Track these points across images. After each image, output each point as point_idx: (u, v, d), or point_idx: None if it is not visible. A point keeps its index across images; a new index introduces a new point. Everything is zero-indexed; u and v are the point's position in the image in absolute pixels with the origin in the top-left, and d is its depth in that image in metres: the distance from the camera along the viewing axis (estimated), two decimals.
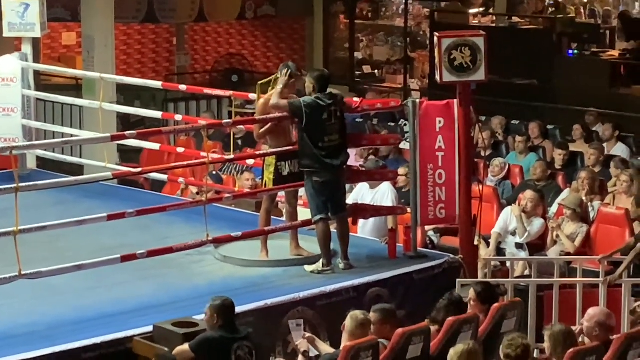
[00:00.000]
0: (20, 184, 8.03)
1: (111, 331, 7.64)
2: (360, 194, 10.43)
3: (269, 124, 9.19)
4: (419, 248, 9.65)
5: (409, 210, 9.67)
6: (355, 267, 9.12)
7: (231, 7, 19.73)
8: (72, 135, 11.79)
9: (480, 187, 9.90)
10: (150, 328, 7.61)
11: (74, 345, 7.42)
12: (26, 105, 11.55)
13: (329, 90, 9.10)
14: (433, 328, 7.72)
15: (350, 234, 9.44)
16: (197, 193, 11.42)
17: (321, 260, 9.03)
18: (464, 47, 9.22)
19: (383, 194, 10.34)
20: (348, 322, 7.42)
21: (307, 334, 7.62)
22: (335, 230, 9.23)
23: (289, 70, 9.17)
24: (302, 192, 11.06)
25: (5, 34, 11.74)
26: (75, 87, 15.86)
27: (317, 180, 9.01)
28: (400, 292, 8.89)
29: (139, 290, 8.54)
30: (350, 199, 10.21)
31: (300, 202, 10.32)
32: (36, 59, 12.14)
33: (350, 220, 9.70)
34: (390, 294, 8.76)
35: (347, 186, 10.11)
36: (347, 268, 9.08)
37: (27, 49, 11.73)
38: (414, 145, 9.46)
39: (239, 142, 14.25)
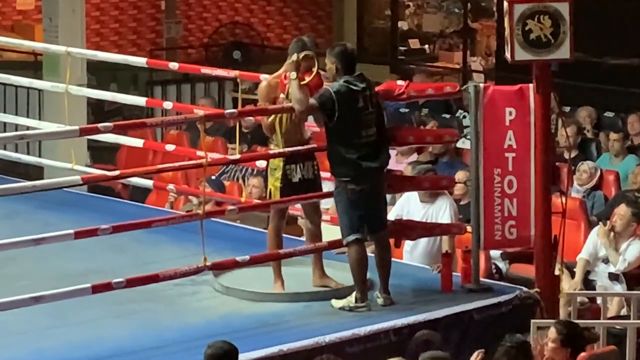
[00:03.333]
0: None
1: None
2: (406, 208, 10.44)
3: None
4: (481, 279, 9.68)
5: (469, 229, 9.68)
6: (398, 302, 9.14)
7: None
8: (29, 128, 11.85)
9: (564, 199, 9.90)
10: None
11: None
12: None
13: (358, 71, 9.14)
14: None
15: (393, 259, 9.45)
16: (199, 204, 11.46)
17: (354, 294, 9.05)
18: (543, 15, 9.24)
19: (439, 209, 10.35)
20: None
21: None
22: (373, 255, 9.25)
23: (305, 51, 9.15)
24: (327, 203, 11.11)
25: None
26: (33, 65, 15.96)
27: (354, 189, 9.00)
28: (456, 336, 8.93)
29: (115, 330, 8.58)
30: (392, 214, 10.22)
31: (326, 217, 10.36)
32: None
33: (392, 241, 9.71)
34: (443, 339, 8.75)
35: (388, 197, 10.13)
36: (387, 304, 9.12)
37: None
38: (476, 144, 9.49)
39: (248, 137, 14.30)
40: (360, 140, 9.00)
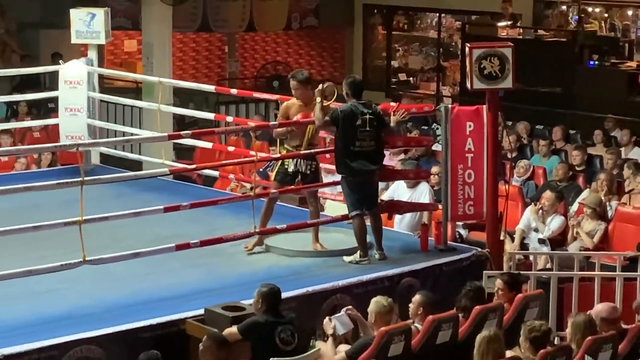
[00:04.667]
0: (85, 178, 8.08)
1: (166, 313, 7.67)
2: (397, 192, 10.42)
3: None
4: (449, 242, 9.61)
5: (440, 207, 9.67)
6: (389, 258, 9.11)
7: (278, 18, 19.79)
8: (132, 134, 11.87)
9: (507, 186, 9.86)
10: (201, 311, 7.63)
11: (133, 326, 7.46)
12: (91, 106, 11.62)
13: (367, 100, 9.09)
14: (461, 316, 7.71)
15: (386, 228, 9.43)
16: (251, 188, 11.44)
17: (358, 252, 9.03)
18: (493, 57, 9.19)
19: (421, 193, 10.32)
20: (372, 307, 7.47)
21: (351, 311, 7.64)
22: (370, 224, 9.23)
23: (327, 83, 9.20)
24: (329, 189, 11.13)
25: (73, 40, 11.82)
26: (135, 90, 15.96)
27: (351, 181, 9.02)
28: (431, 282, 8.86)
29: (191, 276, 8.56)
30: (386, 196, 10.20)
31: (340, 197, 10.35)
32: (100, 64, 12.25)
33: (385, 215, 9.70)
34: (421, 284, 8.73)
35: (383, 184, 10.11)
36: (381, 258, 9.08)
37: (92, 54, 11.80)
38: (446, 147, 9.44)
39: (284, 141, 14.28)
40: (354, 149, 8.91)
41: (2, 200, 8.83)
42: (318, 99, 9.04)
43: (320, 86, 9.17)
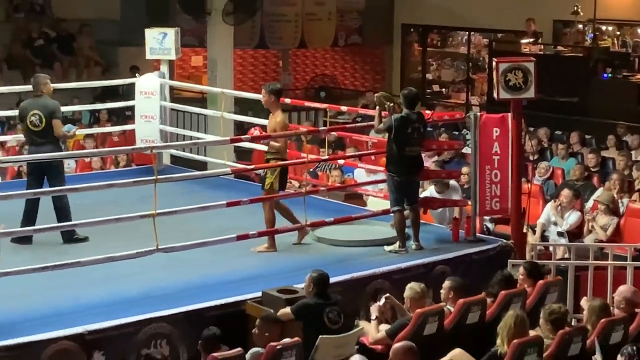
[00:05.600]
0: (158, 177, 8.13)
1: (228, 295, 7.70)
2: (432, 191, 10.40)
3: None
4: (477, 234, 9.57)
5: (469, 203, 9.61)
6: (424, 248, 9.07)
7: (326, 36, 19.79)
8: (198, 138, 11.92)
9: (529, 185, 9.80)
10: (259, 294, 7.65)
11: (198, 306, 7.50)
12: (163, 113, 11.69)
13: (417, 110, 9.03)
14: (488, 300, 7.67)
15: (423, 221, 9.39)
16: (299, 186, 11.46)
17: (397, 243, 9.00)
18: (517, 70, 9.13)
19: (452, 192, 10.30)
20: (406, 293, 7.44)
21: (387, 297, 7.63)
22: (409, 219, 9.19)
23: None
24: (382, 185, 11.07)
25: (148, 56, 11.90)
26: (201, 100, 16.02)
27: (397, 180, 8.99)
28: (461, 269, 8.82)
29: (250, 263, 8.58)
30: (425, 194, 10.19)
31: (380, 194, 10.32)
32: (171, 77, 12.29)
33: (422, 210, 9.66)
34: (452, 271, 8.69)
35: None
36: (418, 249, 9.05)
37: (164, 68, 11.86)
38: (475, 150, 9.39)
39: (332, 145, 14.27)
40: (404, 153, 8.92)
41: (85, 196, 8.91)
42: (377, 108, 9.03)
43: (375, 96, 9.19)
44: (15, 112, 11.15)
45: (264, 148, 11.78)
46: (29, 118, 8.93)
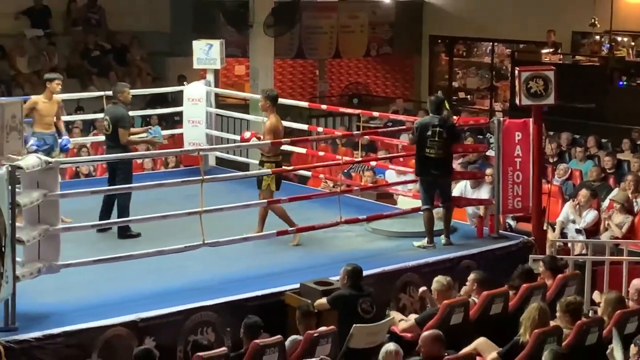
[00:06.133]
0: (205, 177, 8.18)
1: (268, 286, 7.73)
2: (463, 190, 10.37)
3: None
4: (500, 231, 9.53)
5: (493, 201, 9.57)
6: (454, 244, 9.02)
7: (359, 47, 19.79)
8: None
9: (549, 185, 9.75)
10: (297, 285, 7.67)
11: (241, 296, 7.53)
12: (209, 118, 11.75)
13: (445, 115, 8.98)
14: (510, 292, 7.64)
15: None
16: (333, 186, 11.47)
17: (426, 239, 8.98)
18: (538, 78, 9.09)
19: (483, 191, 10.28)
20: (433, 285, 7.42)
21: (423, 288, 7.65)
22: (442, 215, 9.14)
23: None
24: (411, 186, 11.05)
25: (195, 66, 11.96)
26: (244, 106, 16.05)
27: (422, 180, 8.98)
28: (485, 263, 8.77)
29: (289, 256, 8.60)
30: (455, 192, 10.16)
31: (409, 194, 10.31)
32: (216, 85, 12.34)
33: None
34: (477, 265, 8.66)
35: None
36: (447, 244, 8.99)
37: (210, 77, 11.91)
38: (498, 153, 9.36)
39: (364, 148, 14.25)
40: (422, 154, 8.87)
41: (137, 195, 8.99)
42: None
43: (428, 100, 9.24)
44: (74, 117, 11.28)
45: (303, 150, 11.86)
46: (103, 122, 9.22)
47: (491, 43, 19.80)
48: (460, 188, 10.44)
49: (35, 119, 9.31)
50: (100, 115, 11.64)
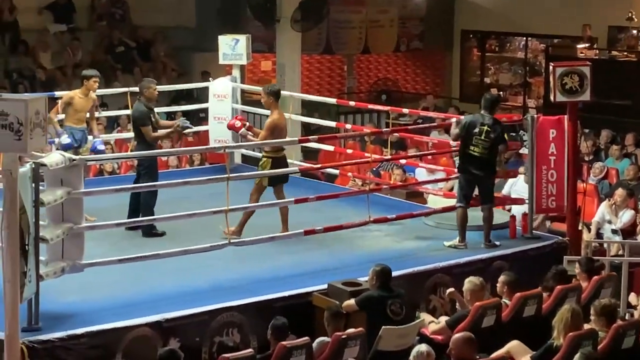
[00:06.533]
0: (230, 175, 8.21)
1: (295, 287, 7.74)
2: (514, 187, 10.35)
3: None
4: (534, 231, 9.48)
5: (526, 201, 9.52)
6: (498, 245, 8.92)
7: (389, 42, 19.75)
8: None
9: (584, 184, 9.69)
10: (325, 286, 7.67)
11: (268, 297, 7.55)
12: (234, 115, 11.77)
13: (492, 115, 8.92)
14: (544, 294, 7.61)
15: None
16: (362, 184, 11.47)
17: (457, 238, 8.95)
18: (573, 74, 9.04)
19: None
20: (466, 286, 7.40)
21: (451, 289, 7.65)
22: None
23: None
24: (442, 184, 11.02)
25: (221, 61, 12.00)
26: None
27: (462, 177, 8.96)
28: (518, 264, 8.73)
29: (317, 256, 8.60)
30: (505, 190, 10.13)
31: (440, 192, 10.28)
32: (242, 81, 12.37)
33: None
34: (510, 266, 8.62)
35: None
36: (487, 247, 8.89)
37: (236, 73, 11.95)
38: (532, 151, 9.31)
39: (394, 145, 14.22)
40: (468, 152, 8.84)
41: (161, 192, 9.03)
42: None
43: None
44: (97, 114, 11.30)
45: (331, 148, 11.86)
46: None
47: (525, 38, 19.70)
48: (509, 186, 10.41)
49: (68, 113, 9.48)
50: (125, 112, 11.78)
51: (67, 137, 9.32)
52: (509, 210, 10.14)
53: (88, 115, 9.68)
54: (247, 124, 9.30)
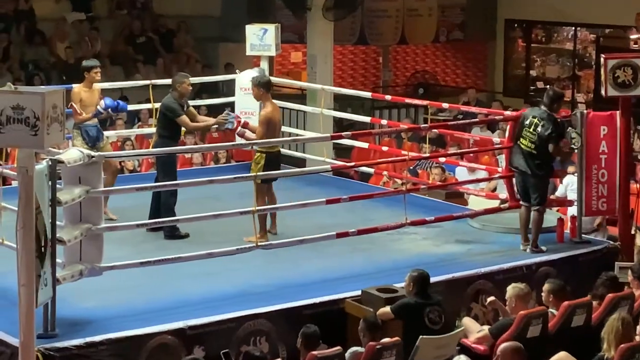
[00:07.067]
0: (258, 173, 8.21)
1: (327, 293, 7.73)
2: (571, 185, 10.33)
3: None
4: (587, 235, 9.42)
5: (575, 202, 9.46)
6: (544, 250, 8.89)
7: (427, 32, 19.70)
8: (297, 135, 11.99)
9: (637, 185, 9.60)
10: (358, 292, 7.66)
11: (298, 304, 7.55)
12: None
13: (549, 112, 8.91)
14: (594, 303, 7.55)
15: None
16: (402, 184, 11.43)
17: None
18: (626, 66, 8.96)
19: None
20: (510, 292, 7.36)
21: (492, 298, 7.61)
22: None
23: None
24: (483, 184, 10.96)
25: (248, 52, 12.02)
26: (300, 96, 16.09)
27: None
28: (566, 271, 8.68)
29: (349, 261, 8.59)
30: (561, 188, 10.21)
31: (482, 193, 10.24)
32: (270, 73, 12.38)
33: None
34: (557, 272, 8.57)
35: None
36: (533, 252, 8.86)
37: (264, 65, 11.96)
38: (581, 149, 9.24)
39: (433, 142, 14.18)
40: (517, 143, 8.89)
41: (184, 192, 9.06)
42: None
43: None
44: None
45: (365, 145, 11.86)
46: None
47: (573, 27, 19.57)
48: (565, 182, 10.36)
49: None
50: (147, 106, 11.82)
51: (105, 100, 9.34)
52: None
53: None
54: (243, 120, 9.28)
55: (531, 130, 8.78)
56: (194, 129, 9.30)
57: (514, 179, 9.09)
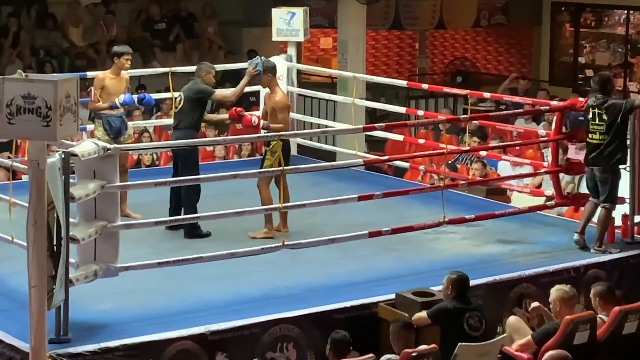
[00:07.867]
0: (285, 168, 8.22)
1: (359, 297, 7.72)
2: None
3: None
4: (635, 235, 9.34)
5: (627, 200, 9.40)
6: (609, 252, 8.86)
7: (468, 16, 19.65)
8: (327, 127, 12.00)
9: None
10: (392, 296, 7.65)
11: (328, 308, 7.54)
12: (290, 99, 11.79)
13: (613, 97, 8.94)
14: None
15: (573, 220, 9.22)
16: (440, 180, 11.41)
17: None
18: None
19: None
20: (554, 295, 7.32)
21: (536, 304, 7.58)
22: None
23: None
24: (528, 180, 10.89)
25: (274, 38, 12.04)
26: (330, 85, 16.11)
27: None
28: (617, 274, 8.64)
29: (383, 262, 8.58)
30: None
31: (527, 190, 10.19)
32: (299, 60, 12.41)
33: (572, 208, 9.49)
34: (607, 276, 8.53)
35: (569, 177, 9.84)
36: (597, 252, 8.84)
37: (292, 51, 11.98)
38: (634, 142, 9.17)
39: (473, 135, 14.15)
40: (587, 141, 8.88)
41: (206, 187, 9.10)
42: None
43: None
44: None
45: (400, 138, 11.85)
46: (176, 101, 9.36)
47: (626, 11, 19.45)
48: None
49: (102, 99, 9.49)
50: (165, 95, 11.87)
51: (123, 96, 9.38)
52: None
53: None
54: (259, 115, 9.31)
55: (597, 121, 8.77)
56: (234, 95, 9.33)
57: (561, 175, 9.05)
